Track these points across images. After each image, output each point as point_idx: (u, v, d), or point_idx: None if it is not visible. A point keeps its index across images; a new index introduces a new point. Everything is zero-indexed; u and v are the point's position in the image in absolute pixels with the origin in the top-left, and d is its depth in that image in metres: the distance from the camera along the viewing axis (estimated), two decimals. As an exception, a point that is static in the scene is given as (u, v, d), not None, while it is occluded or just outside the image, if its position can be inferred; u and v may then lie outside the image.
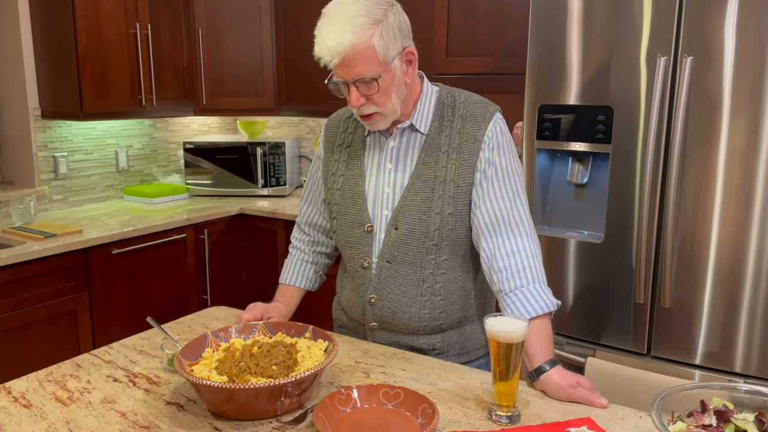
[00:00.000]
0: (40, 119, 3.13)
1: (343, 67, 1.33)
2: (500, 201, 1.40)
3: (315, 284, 1.71)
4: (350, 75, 1.33)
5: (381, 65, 1.33)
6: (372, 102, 1.36)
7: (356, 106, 1.37)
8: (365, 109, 1.38)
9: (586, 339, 2.20)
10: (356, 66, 1.32)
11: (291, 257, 1.71)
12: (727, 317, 1.93)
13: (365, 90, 1.35)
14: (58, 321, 2.63)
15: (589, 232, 2.20)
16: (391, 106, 1.38)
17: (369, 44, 1.31)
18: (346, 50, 1.30)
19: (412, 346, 1.49)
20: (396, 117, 1.42)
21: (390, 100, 1.38)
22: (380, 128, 1.44)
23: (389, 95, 1.37)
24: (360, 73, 1.32)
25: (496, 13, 2.64)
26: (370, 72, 1.32)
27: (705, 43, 1.87)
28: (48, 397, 1.27)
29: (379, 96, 1.36)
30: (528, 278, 1.37)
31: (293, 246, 1.73)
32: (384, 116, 1.40)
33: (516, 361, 1.18)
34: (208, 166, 3.61)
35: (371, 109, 1.37)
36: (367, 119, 1.41)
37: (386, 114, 1.39)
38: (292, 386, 1.15)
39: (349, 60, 1.31)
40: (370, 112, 1.38)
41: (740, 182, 1.87)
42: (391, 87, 1.37)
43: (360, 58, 1.31)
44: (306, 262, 1.69)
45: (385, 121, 1.41)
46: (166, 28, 3.31)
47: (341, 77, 1.35)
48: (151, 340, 1.57)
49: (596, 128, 2.09)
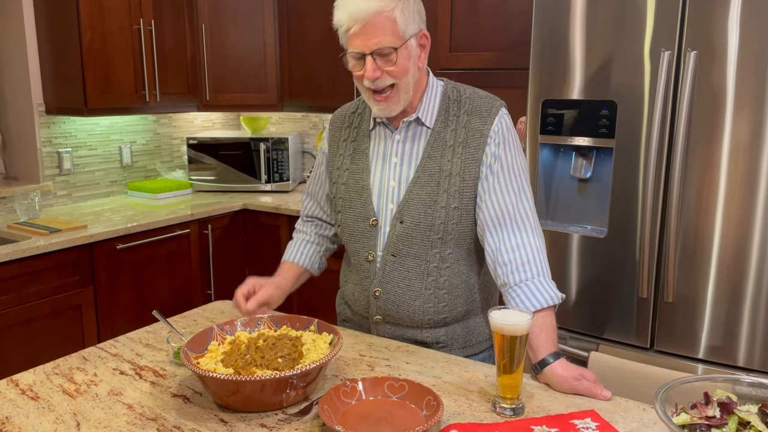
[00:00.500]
0: (44, 115, 3.14)
1: (363, 35, 1.32)
2: (506, 195, 1.41)
3: (315, 264, 1.68)
4: (369, 44, 1.33)
5: (400, 39, 1.34)
6: (388, 75, 1.36)
7: (371, 79, 1.35)
8: (380, 82, 1.36)
9: (589, 333, 2.21)
10: (376, 35, 1.32)
11: (293, 240, 1.71)
12: (730, 311, 1.93)
13: (382, 63, 1.34)
14: (63, 316, 2.64)
15: (592, 227, 2.21)
16: (406, 81, 1.38)
17: (391, 15, 1.32)
18: (368, 16, 1.31)
19: (416, 339, 1.50)
20: (408, 100, 1.41)
21: (406, 74, 1.37)
22: (392, 112, 1.41)
23: (405, 70, 1.37)
24: (379, 42, 1.32)
25: (500, 8, 2.64)
26: (389, 42, 1.33)
27: (709, 37, 1.87)
28: (55, 389, 1.28)
29: (395, 69, 1.35)
30: (532, 271, 1.37)
31: (296, 231, 1.73)
32: (398, 93, 1.38)
33: (520, 353, 1.18)
34: (212, 162, 3.62)
35: (387, 80, 1.36)
36: (380, 99, 1.38)
37: (401, 89, 1.38)
38: (297, 378, 1.16)
39: (370, 27, 1.31)
40: (386, 85, 1.37)
41: (743, 177, 1.87)
42: (408, 64, 1.37)
43: (381, 27, 1.31)
44: (307, 242, 1.68)
45: (398, 102, 1.39)
46: (170, 23, 3.31)
47: (358, 48, 1.34)
48: (156, 333, 1.57)
49: (599, 123, 2.09)
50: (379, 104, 1.40)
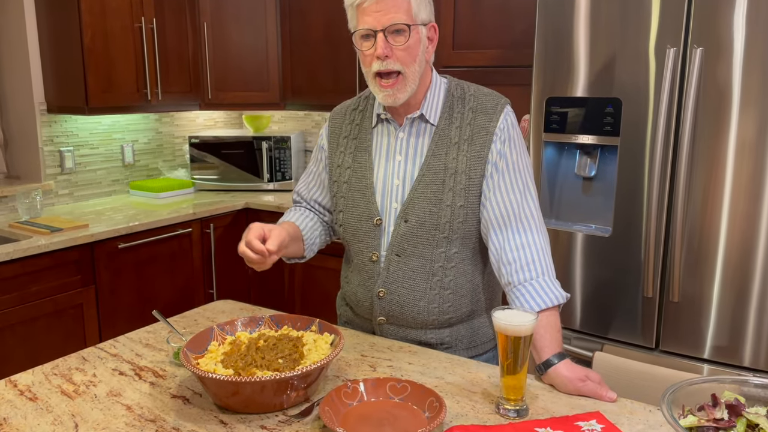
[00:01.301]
0: (45, 114, 3.13)
1: (376, 12, 1.31)
2: (510, 194, 1.39)
3: (312, 234, 1.58)
4: (382, 21, 1.32)
5: (412, 20, 1.33)
6: (396, 59, 1.34)
7: (381, 55, 1.33)
8: (390, 64, 1.34)
9: (594, 333, 2.19)
10: (390, 11, 1.31)
11: (291, 209, 1.64)
12: (736, 311, 1.91)
13: (393, 41, 1.33)
14: (64, 315, 2.63)
15: (597, 226, 2.19)
16: (413, 70, 1.36)
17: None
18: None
19: (420, 340, 1.48)
20: (413, 90, 1.39)
21: (414, 62, 1.36)
22: (397, 99, 1.38)
23: (414, 56, 1.35)
24: (393, 19, 1.31)
25: (503, 5, 2.62)
26: (403, 19, 1.32)
27: (715, 33, 1.85)
28: (54, 390, 1.27)
29: (405, 53, 1.34)
30: (537, 271, 1.36)
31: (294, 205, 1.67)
32: (405, 80, 1.36)
33: (524, 354, 1.16)
34: (214, 161, 3.61)
35: (395, 65, 1.34)
36: (386, 85, 1.36)
37: (407, 77, 1.36)
38: (298, 379, 1.15)
39: (386, 3, 1.31)
40: (393, 69, 1.35)
41: (750, 175, 1.84)
42: (417, 49, 1.36)
43: (395, 4, 1.31)
44: (307, 211, 1.62)
45: (404, 90, 1.37)
46: (172, 22, 3.30)
47: (370, 25, 1.33)
48: (157, 333, 1.56)
49: (604, 121, 2.08)
50: (385, 90, 1.37)
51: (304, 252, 1.57)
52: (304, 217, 1.60)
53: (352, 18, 1.38)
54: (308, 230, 1.58)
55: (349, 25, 1.40)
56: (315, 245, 1.61)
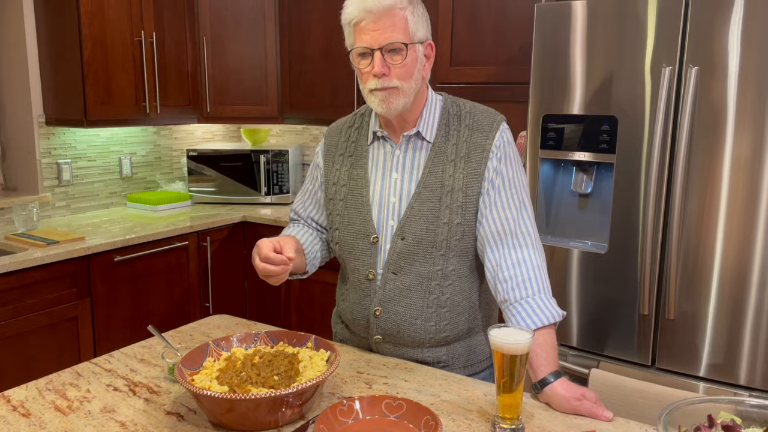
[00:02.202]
0: (44, 126, 3.13)
1: (374, 31, 1.32)
2: (506, 211, 1.40)
3: (313, 249, 1.57)
4: (379, 39, 1.33)
5: (409, 39, 1.35)
6: (393, 75, 1.35)
7: (379, 74, 1.34)
8: (386, 81, 1.35)
9: (590, 350, 2.19)
10: (387, 30, 1.32)
11: (290, 225, 1.64)
12: (731, 329, 1.91)
13: (390, 59, 1.34)
14: (59, 328, 2.62)
15: (593, 243, 2.19)
16: (409, 85, 1.37)
17: (404, 14, 1.34)
18: (383, 10, 1.32)
19: (417, 359, 1.48)
20: (408, 105, 1.39)
21: (411, 78, 1.37)
22: (393, 111, 1.38)
23: (411, 73, 1.37)
24: (390, 38, 1.32)
25: (501, 22, 2.65)
26: (400, 38, 1.33)
27: (710, 53, 1.86)
28: (47, 406, 1.26)
29: (402, 70, 1.35)
30: (533, 288, 1.36)
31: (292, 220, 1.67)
32: (401, 95, 1.36)
33: (520, 372, 1.16)
34: (212, 174, 3.61)
35: (393, 82, 1.35)
36: (383, 98, 1.36)
37: (404, 92, 1.36)
38: (293, 397, 1.14)
39: (383, 22, 1.32)
40: (391, 85, 1.35)
41: (745, 193, 1.85)
42: (414, 67, 1.37)
43: (393, 23, 1.32)
44: (306, 227, 1.62)
45: (399, 102, 1.37)
46: (171, 36, 3.32)
47: (367, 43, 1.34)
48: (152, 348, 1.56)
49: (600, 138, 2.09)
50: (379, 95, 1.36)
51: (306, 267, 1.56)
52: (304, 232, 1.60)
53: (349, 36, 1.39)
54: (309, 244, 1.57)
55: (346, 42, 1.41)
56: (316, 260, 1.60)
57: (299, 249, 1.50)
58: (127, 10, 3.07)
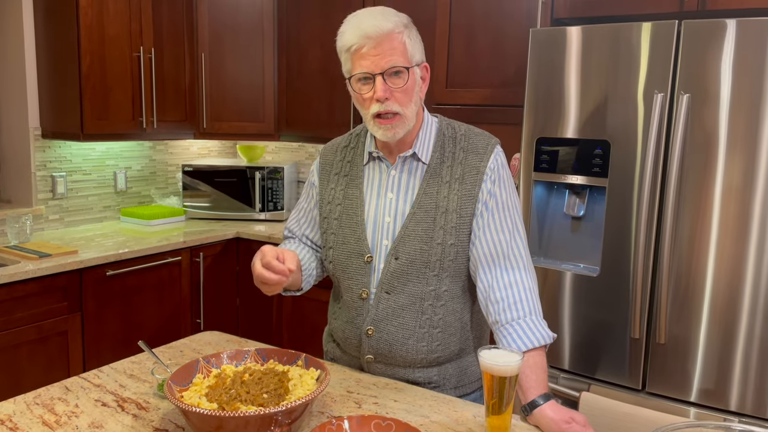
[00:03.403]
0: (40, 139, 3.14)
1: (374, 56, 1.33)
2: (499, 234, 1.41)
3: (310, 266, 1.56)
4: (380, 64, 1.34)
5: (408, 62, 1.36)
6: (395, 100, 1.36)
7: (381, 98, 1.35)
8: (389, 105, 1.35)
9: (580, 373, 2.19)
10: (388, 54, 1.33)
11: (286, 241, 1.64)
12: (722, 354, 1.92)
13: (391, 83, 1.35)
14: (49, 342, 2.60)
15: (585, 265, 2.20)
16: (410, 110, 1.38)
17: (402, 38, 1.36)
18: (382, 35, 1.33)
19: (408, 379, 1.47)
20: (410, 128, 1.41)
21: (411, 102, 1.38)
22: (396, 136, 1.39)
23: (411, 96, 1.38)
24: (391, 62, 1.33)
25: (496, 45, 2.68)
26: (400, 62, 1.34)
27: (701, 80, 1.89)
28: (35, 420, 1.25)
29: (403, 94, 1.36)
30: (524, 310, 1.36)
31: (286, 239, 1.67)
32: (403, 120, 1.38)
33: (509, 394, 1.16)
34: (207, 189, 3.62)
35: (395, 106, 1.36)
36: (385, 122, 1.37)
37: (406, 118, 1.38)
38: (282, 415, 1.14)
39: (383, 47, 1.33)
40: (393, 110, 1.36)
41: (736, 219, 1.87)
42: (413, 90, 1.39)
43: (392, 47, 1.34)
44: (302, 244, 1.61)
45: (403, 127, 1.39)
46: (170, 51, 3.34)
47: (368, 69, 1.35)
48: (141, 364, 1.55)
49: (593, 162, 2.11)
50: (384, 126, 1.38)
51: (301, 284, 1.56)
52: (301, 249, 1.60)
53: (347, 62, 1.40)
54: (306, 261, 1.57)
55: (344, 69, 1.42)
56: (312, 278, 1.59)
57: (298, 265, 1.50)
58: (127, 26, 3.10)
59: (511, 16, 2.62)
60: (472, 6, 2.70)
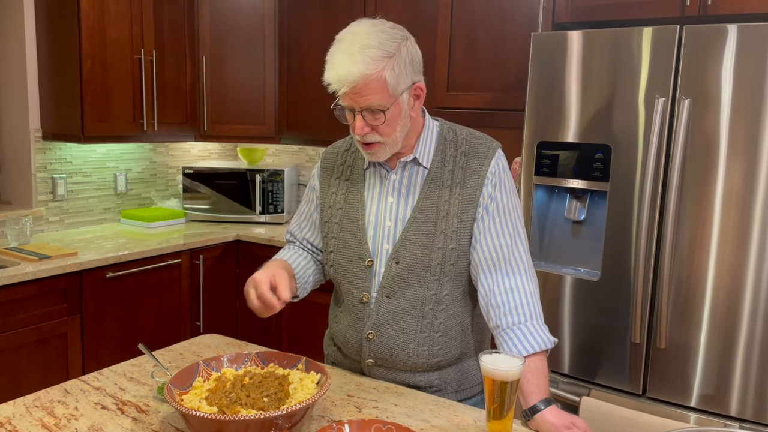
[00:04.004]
0: (40, 140, 3.14)
1: (352, 95, 1.32)
2: (500, 238, 1.40)
3: (305, 273, 1.57)
4: (358, 103, 1.33)
5: (390, 97, 1.33)
6: (376, 131, 1.36)
7: (360, 135, 1.36)
8: (369, 137, 1.37)
9: (581, 378, 2.18)
10: (364, 95, 1.31)
11: (285, 248, 1.65)
12: (723, 359, 1.92)
13: (371, 119, 1.35)
14: (48, 344, 2.60)
15: (585, 270, 2.20)
16: (394, 138, 1.39)
17: (380, 76, 1.30)
18: (356, 80, 1.30)
19: (409, 383, 1.47)
20: (397, 149, 1.42)
21: (394, 132, 1.38)
22: (379, 159, 1.43)
23: (394, 127, 1.37)
24: (368, 101, 1.32)
25: (498, 49, 2.68)
26: (378, 102, 1.32)
27: (703, 85, 1.89)
28: (34, 423, 1.25)
29: (385, 127, 1.36)
30: (525, 315, 1.36)
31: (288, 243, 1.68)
32: (385, 147, 1.39)
33: (510, 399, 1.16)
34: (207, 192, 3.62)
35: (375, 138, 1.37)
36: (367, 148, 1.40)
37: (387, 145, 1.39)
38: (282, 419, 1.14)
39: (358, 89, 1.31)
40: (373, 141, 1.38)
41: (736, 223, 1.87)
42: (397, 119, 1.37)
43: (369, 88, 1.31)
44: (300, 250, 1.62)
45: (385, 153, 1.41)
46: (171, 54, 3.34)
47: (348, 104, 1.35)
48: (141, 367, 1.55)
49: (594, 166, 2.11)
50: (367, 151, 1.41)
51: (296, 291, 1.55)
52: (297, 256, 1.60)
53: None
54: (301, 269, 1.57)
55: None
56: (308, 284, 1.59)
57: (290, 274, 1.51)
58: (128, 29, 3.10)
59: (513, 20, 2.62)
60: (474, 9, 2.70)
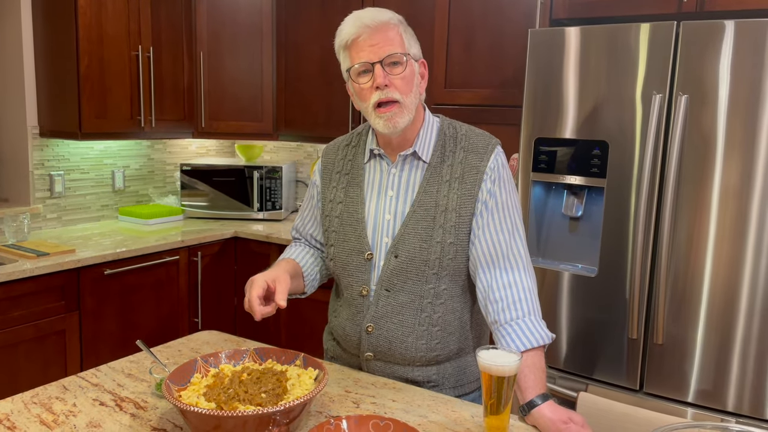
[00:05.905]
0: (38, 137, 3.13)
1: (372, 45, 1.36)
2: (499, 234, 1.41)
3: (313, 270, 1.60)
4: (378, 53, 1.36)
5: (406, 51, 1.39)
6: (395, 87, 1.37)
7: (381, 84, 1.36)
8: (389, 92, 1.36)
9: (578, 373, 2.19)
10: (385, 44, 1.36)
11: (292, 245, 1.67)
12: (720, 355, 1.92)
13: (390, 71, 1.37)
14: (46, 341, 2.60)
15: (583, 266, 2.21)
16: (410, 100, 1.39)
17: (398, 30, 1.39)
18: (379, 24, 1.36)
19: (407, 378, 1.48)
20: (410, 120, 1.40)
21: (411, 92, 1.39)
22: (397, 127, 1.38)
23: (411, 86, 1.39)
24: (389, 50, 1.36)
25: (495, 46, 2.68)
26: (398, 50, 1.37)
27: (700, 81, 1.90)
28: (33, 419, 1.25)
29: (402, 82, 1.37)
30: (523, 311, 1.37)
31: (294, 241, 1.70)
32: (402, 110, 1.38)
33: (507, 394, 1.17)
34: (205, 189, 3.62)
35: (394, 93, 1.37)
36: (386, 109, 1.37)
37: (406, 107, 1.38)
38: (280, 415, 1.14)
39: (380, 36, 1.36)
40: (394, 98, 1.37)
41: (733, 219, 1.88)
42: (412, 79, 1.40)
43: (389, 37, 1.37)
44: (307, 247, 1.65)
45: (403, 118, 1.38)
46: (168, 51, 3.34)
47: (366, 58, 1.36)
48: (139, 363, 1.55)
49: (591, 162, 2.11)
50: (384, 115, 1.38)
51: (304, 288, 1.58)
52: (305, 253, 1.63)
53: (345, 59, 1.41)
54: (308, 266, 1.60)
55: (342, 66, 1.43)
56: (316, 281, 1.63)
57: (296, 273, 1.53)
58: (126, 25, 3.09)
59: (510, 17, 2.62)
60: (471, 6, 2.70)
